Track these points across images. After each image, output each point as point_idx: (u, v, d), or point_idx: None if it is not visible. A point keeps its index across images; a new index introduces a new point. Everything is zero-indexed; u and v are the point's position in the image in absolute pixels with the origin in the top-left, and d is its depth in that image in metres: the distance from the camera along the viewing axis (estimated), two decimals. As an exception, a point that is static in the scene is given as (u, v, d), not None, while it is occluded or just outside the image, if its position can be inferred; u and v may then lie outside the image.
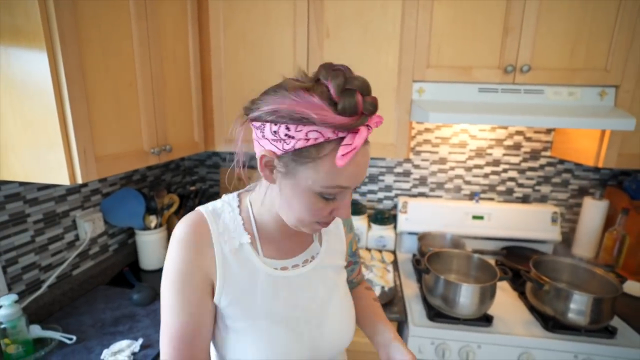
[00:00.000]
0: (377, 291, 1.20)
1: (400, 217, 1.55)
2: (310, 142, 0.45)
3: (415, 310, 1.16)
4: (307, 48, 1.26)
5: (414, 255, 1.43)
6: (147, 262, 1.35)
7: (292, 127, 0.45)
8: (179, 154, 1.20)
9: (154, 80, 1.03)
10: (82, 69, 0.78)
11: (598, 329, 1.04)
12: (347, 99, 0.44)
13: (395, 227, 1.59)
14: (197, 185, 1.78)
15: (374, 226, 1.58)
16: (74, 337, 0.91)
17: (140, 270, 1.35)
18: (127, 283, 1.22)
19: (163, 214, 1.38)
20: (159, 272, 1.35)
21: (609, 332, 1.05)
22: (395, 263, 1.46)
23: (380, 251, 1.53)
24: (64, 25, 0.72)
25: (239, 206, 0.61)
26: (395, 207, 1.69)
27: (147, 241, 1.33)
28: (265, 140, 0.49)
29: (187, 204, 1.44)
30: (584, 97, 1.19)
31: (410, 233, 1.55)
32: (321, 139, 0.45)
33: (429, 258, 1.20)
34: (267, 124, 0.47)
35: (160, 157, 1.09)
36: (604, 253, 1.37)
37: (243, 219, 0.59)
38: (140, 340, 0.91)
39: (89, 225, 1.17)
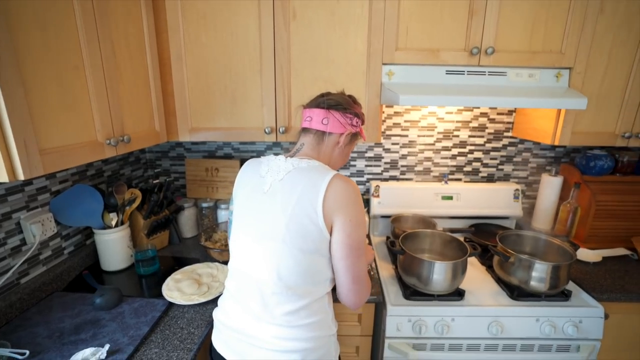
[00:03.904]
0: (355, 275, 1.21)
1: (373, 201, 1.57)
2: (359, 128, 0.92)
3: (391, 290, 1.18)
4: (274, 30, 1.20)
5: (388, 237, 1.45)
6: (110, 262, 1.25)
7: (359, 121, 0.91)
8: (138, 145, 1.11)
9: (104, 63, 0.93)
10: (15, 47, 0.68)
11: (556, 293, 1.13)
12: (364, 114, 0.95)
13: (368, 212, 1.61)
14: (161, 179, 1.68)
15: (348, 211, 1.58)
16: (27, 352, 0.82)
17: (102, 273, 1.25)
18: (88, 287, 1.12)
19: (124, 210, 1.28)
20: (123, 272, 1.26)
21: (565, 295, 1.14)
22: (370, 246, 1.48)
23: (354, 236, 1.54)
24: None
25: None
26: (367, 191, 1.70)
27: (108, 240, 1.23)
28: (350, 126, 0.88)
29: (150, 199, 1.35)
30: (543, 78, 1.25)
31: (384, 216, 1.58)
32: (360, 127, 0.93)
33: (402, 239, 1.22)
34: (355, 118, 0.89)
35: (117, 148, 1.00)
36: (560, 225, 1.48)
37: None
38: (107, 347, 0.85)
39: (37, 228, 1.05)
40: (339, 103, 0.87)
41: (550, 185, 1.52)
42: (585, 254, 1.38)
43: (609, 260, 1.38)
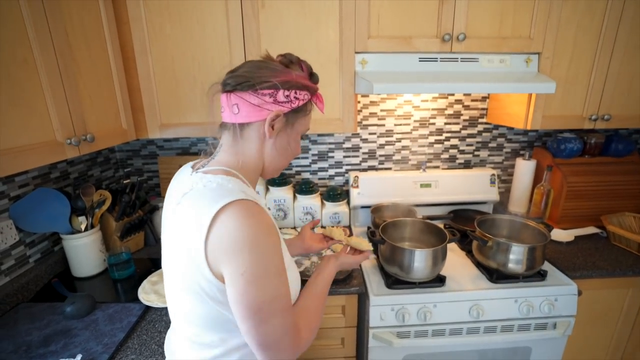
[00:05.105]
0: (337, 267, 1.20)
1: (353, 192, 1.56)
2: (304, 101, 0.67)
3: (373, 280, 1.18)
4: (242, 20, 1.15)
5: (369, 227, 1.46)
6: (81, 268, 1.20)
7: (299, 91, 0.65)
8: (104, 144, 1.05)
9: (59, 56, 0.87)
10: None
11: (532, 274, 1.16)
12: (315, 75, 0.70)
13: (348, 203, 1.60)
14: (132, 178, 1.61)
15: (327, 203, 1.57)
16: (-9, 367, 0.78)
17: (73, 279, 1.19)
18: (58, 296, 1.06)
19: (94, 213, 1.22)
20: (96, 278, 1.21)
21: (541, 275, 1.17)
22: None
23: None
24: None
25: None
26: (346, 182, 1.69)
27: (78, 245, 1.18)
28: (275, 104, 0.63)
29: (122, 199, 1.29)
30: (513, 64, 1.27)
31: (364, 207, 1.58)
32: (307, 99, 0.68)
33: (383, 229, 1.22)
34: (280, 91, 0.63)
35: (80, 148, 0.94)
36: (534, 207, 1.52)
37: (244, 184, 0.65)
38: (79, 357, 0.81)
39: (-3, 236, 0.99)
40: (246, 79, 0.62)
41: (524, 169, 1.56)
42: (559, 234, 1.42)
43: (581, 239, 1.43)
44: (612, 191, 1.49)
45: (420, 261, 1.09)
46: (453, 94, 1.59)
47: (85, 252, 1.19)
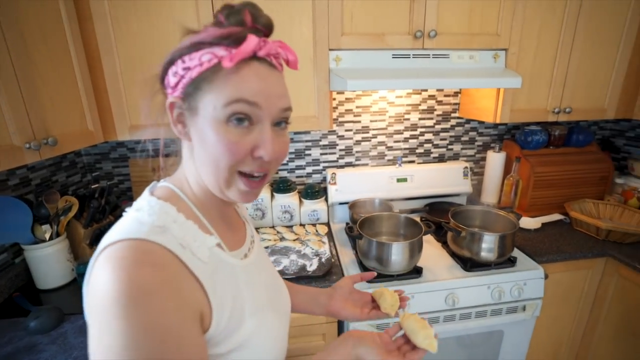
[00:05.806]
0: (315, 264, 1.20)
1: (330, 189, 1.57)
2: (205, 66, 0.42)
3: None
4: (213, 17, 1.12)
5: (347, 223, 1.47)
6: (46, 280, 1.13)
7: (186, 57, 0.43)
8: (68, 148, 0.99)
9: (13, 56, 0.81)
10: None
11: (503, 261, 1.21)
12: (233, 16, 0.44)
13: (326, 200, 1.61)
14: (102, 182, 1.54)
15: (306, 201, 1.57)
16: (-51, 390, 0.72)
17: (38, 292, 1.13)
18: (21, 310, 1.00)
19: (59, 220, 1.15)
20: (64, 288, 1.15)
21: (511, 262, 1.23)
22: (330, 234, 1.48)
23: (314, 225, 1.54)
24: None
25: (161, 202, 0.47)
26: (324, 179, 1.70)
27: (43, 255, 1.11)
28: (171, 92, 0.45)
29: (90, 205, 1.23)
30: (482, 60, 1.31)
31: (341, 203, 1.59)
32: (215, 60, 0.42)
33: (360, 224, 1.23)
34: (169, 71, 0.45)
35: (41, 152, 0.89)
36: (505, 197, 1.59)
37: (185, 214, 0.46)
38: (47, 372, 0.77)
39: (-50, 249, 0.91)
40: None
41: (495, 161, 1.62)
42: (527, 222, 1.49)
43: (547, 225, 1.51)
44: (574, 179, 1.58)
45: (397, 254, 1.12)
46: (426, 90, 1.63)
47: (50, 262, 1.12)
